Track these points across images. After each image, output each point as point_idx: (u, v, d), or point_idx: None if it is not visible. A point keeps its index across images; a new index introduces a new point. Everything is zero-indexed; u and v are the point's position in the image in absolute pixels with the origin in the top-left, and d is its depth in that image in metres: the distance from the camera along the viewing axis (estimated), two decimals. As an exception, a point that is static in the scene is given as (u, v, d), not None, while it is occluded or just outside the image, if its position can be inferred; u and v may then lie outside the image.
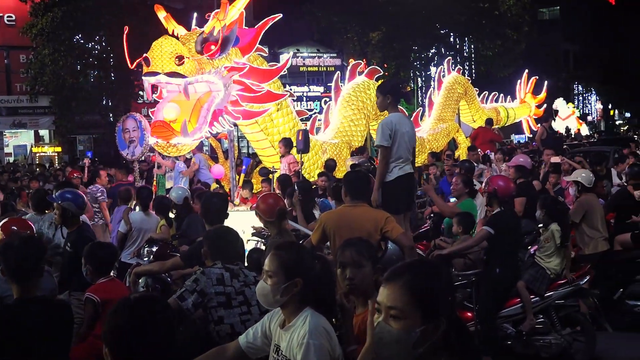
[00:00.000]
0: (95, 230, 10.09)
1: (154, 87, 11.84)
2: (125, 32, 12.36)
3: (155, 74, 11.22)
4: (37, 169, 24.27)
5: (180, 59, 11.02)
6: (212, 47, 11.29)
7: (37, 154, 32.53)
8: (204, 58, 11.36)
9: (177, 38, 11.80)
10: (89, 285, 5.49)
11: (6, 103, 33.86)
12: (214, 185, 13.74)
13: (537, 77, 31.95)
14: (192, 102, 11.45)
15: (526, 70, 31.33)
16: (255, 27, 12.33)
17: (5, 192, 13.61)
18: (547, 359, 7.22)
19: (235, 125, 13.23)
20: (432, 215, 10.66)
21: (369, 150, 18.86)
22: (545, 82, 33.16)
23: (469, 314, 7.38)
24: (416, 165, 15.55)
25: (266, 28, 12.29)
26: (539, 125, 23.23)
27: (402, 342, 2.22)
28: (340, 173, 12.86)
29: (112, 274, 5.96)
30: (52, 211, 7.45)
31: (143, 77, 11.50)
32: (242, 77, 11.87)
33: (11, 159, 33.88)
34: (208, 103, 11.46)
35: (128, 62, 12.37)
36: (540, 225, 7.98)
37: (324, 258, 4.00)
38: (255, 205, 6.95)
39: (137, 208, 9.84)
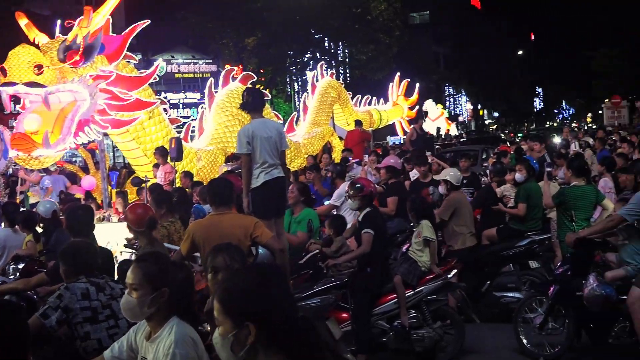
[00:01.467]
0: None
1: (17, 98, 11.40)
2: None
3: (13, 84, 10.80)
4: None
5: (39, 68, 10.64)
6: (75, 55, 10.96)
7: None
8: (66, 67, 11.01)
9: (37, 46, 11.39)
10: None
11: None
12: (77, 195, 13.32)
13: (409, 80, 32.81)
14: (54, 113, 11.06)
15: (398, 73, 32.10)
16: (122, 33, 12.02)
17: None
18: (420, 352, 7.43)
19: (106, 134, 12.90)
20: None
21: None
22: (417, 85, 34.12)
23: (345, 315, 7.50)
24: (292, 169, 15.70)
25: (133, 35, 12.02)
26: (412, 126, 23.90)
27: (225, 347, 2.42)
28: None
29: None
30: None
31: (0, 88, 11.02)
32: (110, 86, 11.55)
33: None
34: (72, 113, 11.10)
35: None
36: (412, 224, 8.23)
37: (185, 266, 3.99)
38: (123, 216, 6.81)
39: (3, 225, 9.45)
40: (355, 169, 13.59)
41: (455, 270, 7.67)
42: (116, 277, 6.57)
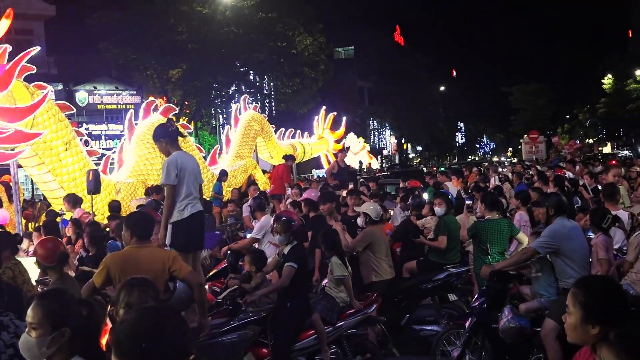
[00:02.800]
0: None
1: None
2: None
3: None
4: None
5: None
6: None
7: None
8: None
9: None
10: None
11: None
12: None
13: (336, 113, 33.12)
14: None
15: (323, 107, 32.38)
16: (11, 62, 11.49)
17: None
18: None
19: (20, 166, 12.50)
20: (229, 252, 10.62)
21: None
22: (344, 118, 34.46)
23: (264, 350, 7.39)
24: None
25: (22, 63, 11.47)
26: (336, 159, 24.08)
27: None
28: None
29: None
30: None
31: None
32: None
33: None
34: None
35: None
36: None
37: (90, 303, 3.84)
38: (33, 251, 6.57)
39: None
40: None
41: (375, 305, 7.68)
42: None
